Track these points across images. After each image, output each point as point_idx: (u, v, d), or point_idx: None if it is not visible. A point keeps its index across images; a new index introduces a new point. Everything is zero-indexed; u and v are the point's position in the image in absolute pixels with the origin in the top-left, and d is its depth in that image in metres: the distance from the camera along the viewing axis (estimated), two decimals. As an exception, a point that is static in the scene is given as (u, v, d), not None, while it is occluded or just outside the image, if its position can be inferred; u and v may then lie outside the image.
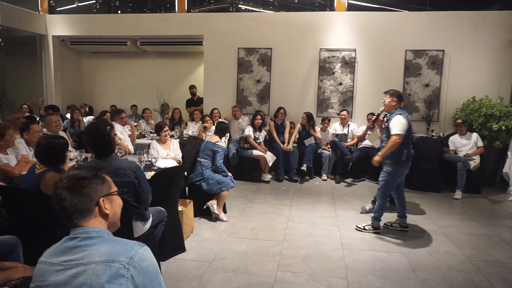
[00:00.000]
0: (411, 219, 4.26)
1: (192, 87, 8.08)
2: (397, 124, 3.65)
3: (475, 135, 5.80)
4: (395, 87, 6.87)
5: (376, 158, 3.79)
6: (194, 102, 8.02)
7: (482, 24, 6.52)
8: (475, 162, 5.49)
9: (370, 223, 4.00)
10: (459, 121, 5.89)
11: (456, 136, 5.94)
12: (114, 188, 1.31)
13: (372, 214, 4.06)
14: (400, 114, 3.71)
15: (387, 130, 3.80)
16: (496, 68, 6.53)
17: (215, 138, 4.40)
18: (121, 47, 8.36)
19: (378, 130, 4.23)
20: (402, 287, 2.86)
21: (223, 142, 4.43)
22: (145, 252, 1.16)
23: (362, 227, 4.00)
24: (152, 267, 1.15)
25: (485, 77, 6.58)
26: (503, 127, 5.78)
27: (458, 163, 5.46)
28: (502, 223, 4.49)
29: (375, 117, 4.08)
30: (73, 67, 9.09)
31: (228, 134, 6.68)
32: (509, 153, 5.84)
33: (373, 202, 4.69)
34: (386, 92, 3.91)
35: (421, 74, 6.77)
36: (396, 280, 2.95)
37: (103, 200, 1.23)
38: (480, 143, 5.74)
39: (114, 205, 1.29)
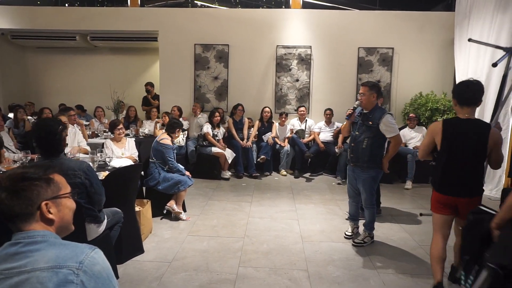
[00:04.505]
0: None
1: (147, 85, 7.80)
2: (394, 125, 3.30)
3: (423, 128, 6.15)
4: (349, 83, 7.21)
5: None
6: (150, 100, 7.74)
7: (427, 24, 6.91)
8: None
9: (367, 234, 3.55)
10: (412, 115, 6.18)
11: (406, 129, 6.26)
12: (66, 190, 1.19)
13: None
14: (390, 114, 3.32)
15: (368, 129, 3.33)
16: (440, 65, 6.95)
17: (162, 136, 4.16)
18: (70, 42, 7.88)
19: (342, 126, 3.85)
20: (359, 275, 2.96)
21: (168, 139, 4.13)
22: (97, 256, 1.08)
23: (362, 241, 3.52)
24: (105, 271, 1.08)
25: (430, 73, 6.98)
26: (447, 121, 6.18)
27: (408, 155, 5.76)
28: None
29: (351, 111, 3.44)
30: (15, 63, 8.45)
31: (186, 132, 6.58)
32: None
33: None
34: (365, 84, 3.37)
35: (373, 71, 7.05)
36: (354, 269, 3.06)
37: (46, 204, 1.12)
38: (428, 136, 6.09)
39: (62, 209, 1.17)
